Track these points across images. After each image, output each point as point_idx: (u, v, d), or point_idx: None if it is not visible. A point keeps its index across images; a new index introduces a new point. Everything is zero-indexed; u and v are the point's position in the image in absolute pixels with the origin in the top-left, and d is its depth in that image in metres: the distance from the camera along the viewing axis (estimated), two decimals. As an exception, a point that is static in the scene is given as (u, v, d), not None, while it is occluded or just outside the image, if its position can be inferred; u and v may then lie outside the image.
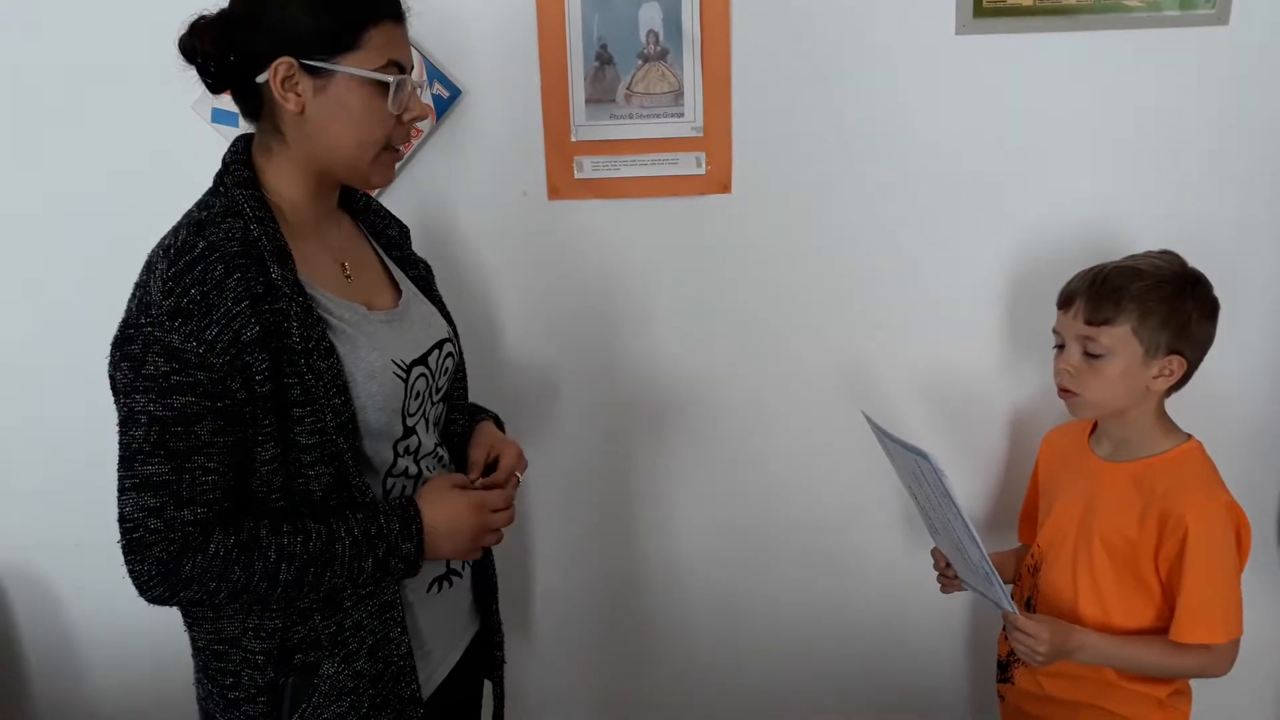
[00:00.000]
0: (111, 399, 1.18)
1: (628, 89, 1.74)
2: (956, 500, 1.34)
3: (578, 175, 1.78)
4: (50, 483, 1.95)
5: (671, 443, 1.94)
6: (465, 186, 1.80)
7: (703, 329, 1.87)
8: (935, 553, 1.66)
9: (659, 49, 1.73)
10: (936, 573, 1.67)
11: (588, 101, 1.75)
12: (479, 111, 1.76)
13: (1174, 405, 1.56)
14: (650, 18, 1.71)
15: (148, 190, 1.77)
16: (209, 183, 1.26)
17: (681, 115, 1.75)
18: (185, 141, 1.75)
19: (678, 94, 1.74)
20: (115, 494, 1.16)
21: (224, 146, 1.69)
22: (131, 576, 1.17)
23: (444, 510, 1.28)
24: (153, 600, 1.18)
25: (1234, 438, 1.82)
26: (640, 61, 1.73)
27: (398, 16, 1.24)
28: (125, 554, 1.16)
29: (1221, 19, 1.68)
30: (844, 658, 2.03)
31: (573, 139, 1.76)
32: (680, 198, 1.80)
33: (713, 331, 1.87)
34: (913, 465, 1.42)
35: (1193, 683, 1.57)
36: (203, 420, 1.13)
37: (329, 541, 1.19)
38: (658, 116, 1.75)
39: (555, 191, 1.80)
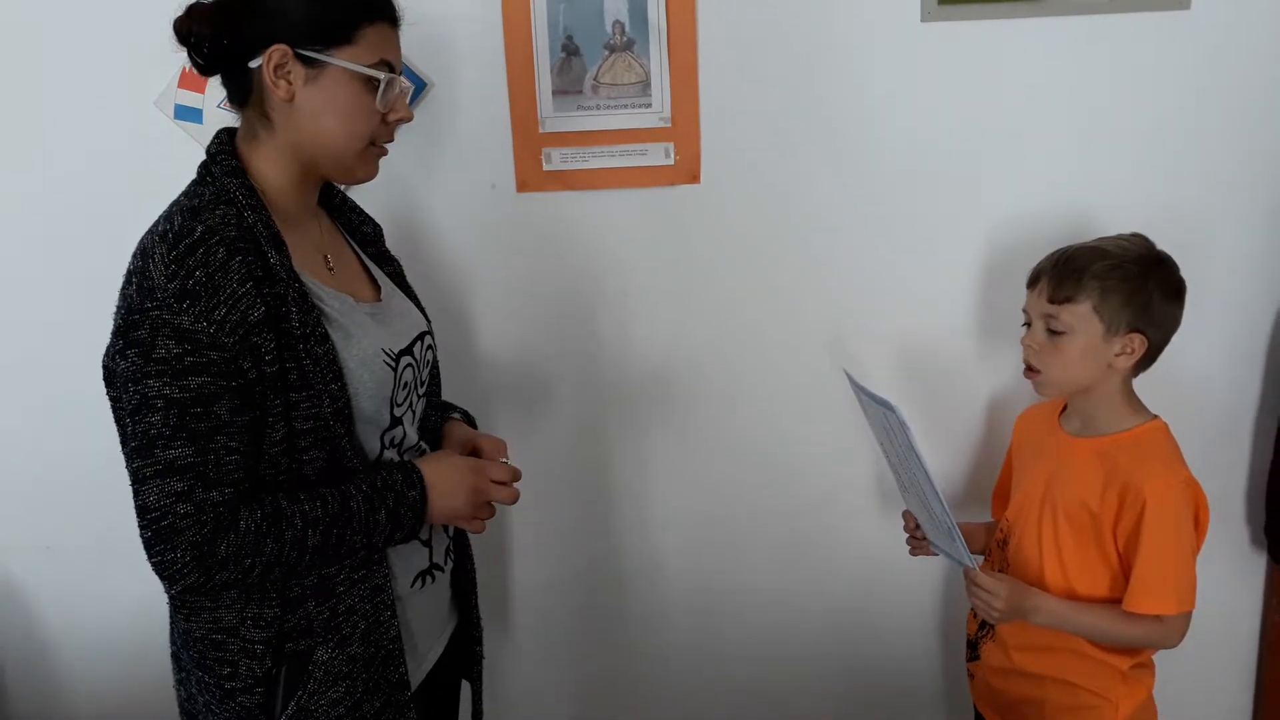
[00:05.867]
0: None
1: (595, 80, 1.74)
2: (920, 453, 1.38)
3: (546, 167, 1.78)
4: (20, 487, 1.94)
5: (647, 433, 1.94)
6: (433, 180, 1.80)
7: (675, 320, 1.87)
8: (906, 515, 1.70)
9: (625, 39, 1.72)
10: (906, 535, 1.71)
11: (555, 93, 1.74)
12: (446, 104, 1.75)
13: (1149, 388, 1.58)
14: (616, 8, 1.71)
15: (105, 187, 1.77)
16: (167, 177, 1.26)
17: (649, 106, 1.75)
18: (146, 137, 1.74)
19: (645, 84, 1.74)
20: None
21: (186, 141, 1.72)
22: (160, 567, 1.14)
23: (442, 469, 1.31)
24: (185, 589, 1.16)
25: (1204, 420, 1.85)
26: (606, 52, 1.73)
27: (393, 20, 1.27)
28: (153, 544, 1.13)
29: (1184, 3, 1.69)
30: (819, 640, 2.04)
31: (540, 131, 1.76)
32: (649, 188, 1.80)
33: (685, 322, 1.87)
34: (882, 419, 1.46)
35: (1164, 663, 1.60)
36: (220, 399, 1.13)
37: (344, 500, 1.21)
38: (625, 107, 1.75)
39: (524, 184, 1.79)
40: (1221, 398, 1.87)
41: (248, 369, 1.14)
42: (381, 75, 1.23)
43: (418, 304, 1.48)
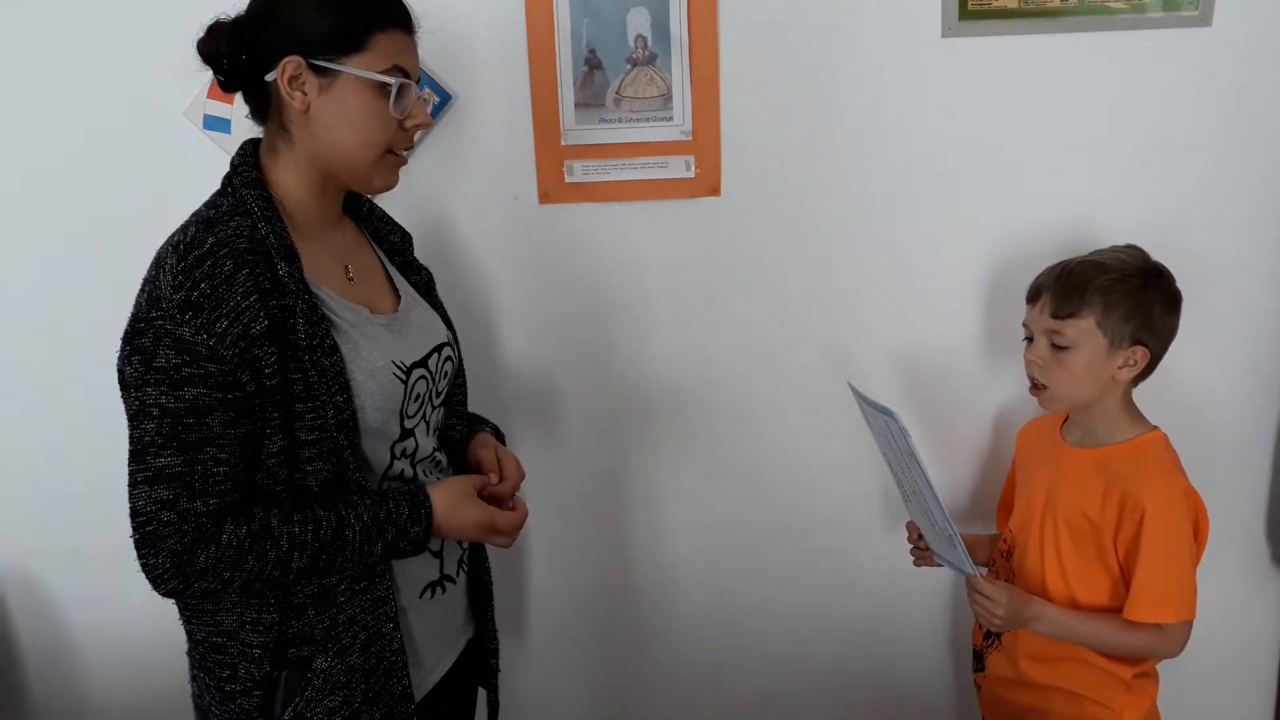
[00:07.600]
0: (117, 400, 1.20)
1: (617, 93, 1.76)
2: (920, 458, 1.39)
3: (568, 179, 1.80)
4: (46, 489, 1.96)
5: (663, 444, 1.95)
6: (456, 191, 1.81)
7: (694, 332, 1.88)
8: (909, 525, 1.71)
9: (647, 53, 1.74)
10: (910, 546, 1.72)
11: (577, 106, 1.76)
12: (470, 117, 1.78)
13: (1176, 409, 1.58)
14: (638, 23, 1.73)
15: (142, 195, 1.79)
16: (202, 186, 1.29)
17: (670, 119, 1.76)
18: (177, 146, 1.76)
19: (666, 98, 1.76)
20: (125, 490, 1.17)
21: (214, 151, 1.74)
22: (145, 570, 1.17)
23: (453, 502, 1.31)
24: (166, 593, 1.19)
25: (1228, 440, 1.85)
26: (629, 66, 1.75)
27: (407, 27, 1.27)
28: (138, 547, 1.17)
29: (1205, 20, 1.69)
30: (832, 653, 2.04)
31: (563, 143, 1.78)
32: (670, 201, 1.81)
33: (704, 334, 1.88)
34: (883, 427, 1.47)
35: (1184, 682, 1.59)
36: (214, 412, 1.15)
37: (339, 528, 1.21)
38: (647, 120, 1.77)
39: (546, 196, 1.81)
40: (1246, 418, 1.87)
41: (246, 382, 1.15)
42: (393, 80, 1.23)
43: (443, 315, 1.48)
